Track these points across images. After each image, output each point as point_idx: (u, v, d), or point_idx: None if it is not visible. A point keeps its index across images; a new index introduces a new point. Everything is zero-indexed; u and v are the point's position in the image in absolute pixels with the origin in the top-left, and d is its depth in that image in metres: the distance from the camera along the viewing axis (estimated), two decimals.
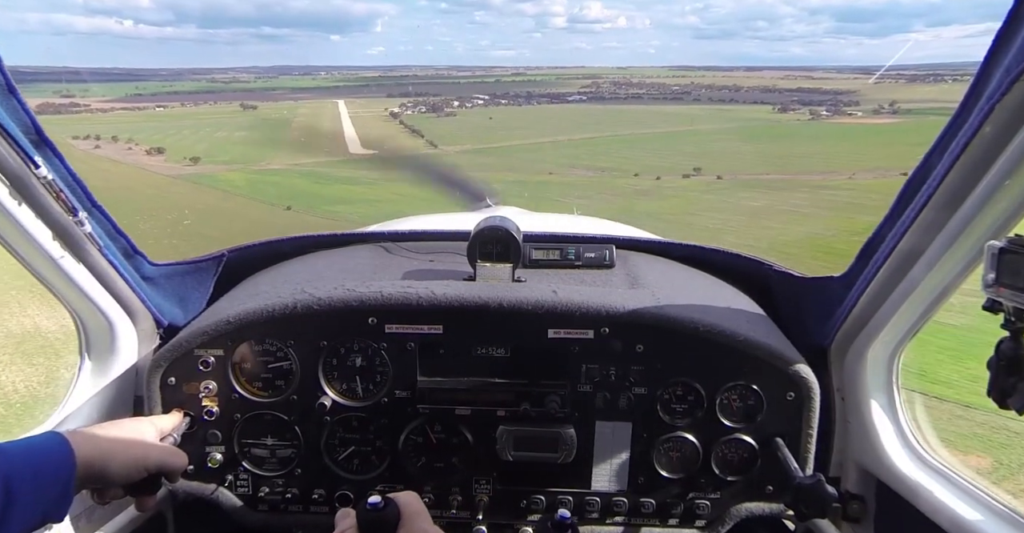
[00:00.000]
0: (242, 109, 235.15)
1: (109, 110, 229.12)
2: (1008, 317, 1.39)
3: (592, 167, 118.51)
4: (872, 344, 2.11)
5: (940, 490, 1.93)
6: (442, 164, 7.56)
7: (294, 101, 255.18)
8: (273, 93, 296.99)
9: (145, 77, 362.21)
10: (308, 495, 2.38)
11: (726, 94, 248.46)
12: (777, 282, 2.60)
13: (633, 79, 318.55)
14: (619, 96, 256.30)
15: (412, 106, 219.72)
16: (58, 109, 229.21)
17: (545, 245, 2.73)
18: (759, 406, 2.24)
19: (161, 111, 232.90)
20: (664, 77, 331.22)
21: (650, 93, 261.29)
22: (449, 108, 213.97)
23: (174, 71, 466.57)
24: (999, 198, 1.53)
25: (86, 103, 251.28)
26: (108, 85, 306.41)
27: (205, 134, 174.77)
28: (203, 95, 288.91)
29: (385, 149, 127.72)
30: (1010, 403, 1.41)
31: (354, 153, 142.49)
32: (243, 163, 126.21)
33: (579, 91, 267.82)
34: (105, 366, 2.30)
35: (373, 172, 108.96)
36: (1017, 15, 1.36)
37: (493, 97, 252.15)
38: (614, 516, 2.36)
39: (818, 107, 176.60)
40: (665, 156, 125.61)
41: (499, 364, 2.29)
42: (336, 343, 2.28)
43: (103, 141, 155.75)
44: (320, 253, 2.91)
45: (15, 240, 1.87)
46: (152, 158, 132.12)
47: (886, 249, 1.87)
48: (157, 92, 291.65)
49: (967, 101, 1.53)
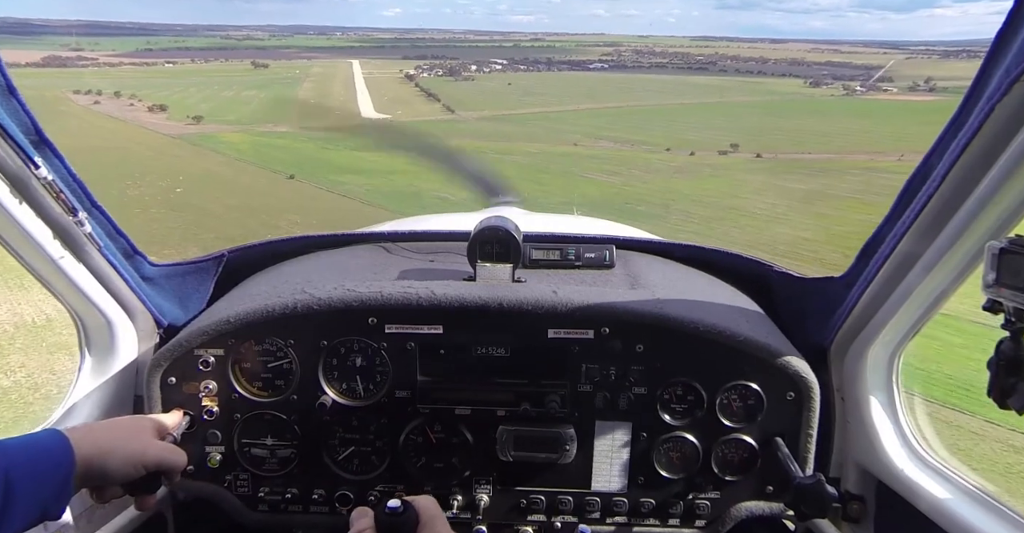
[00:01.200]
0: (253, 67, 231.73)
1: (117, 64, 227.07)
2: (1008, 317, 1.39)
3: (619, 139, 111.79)
4: (872, 344, 2.09)
5: (940, 490, 1.93)
6: (462, 155, 6.15)
7: (307, 60, 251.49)
8: (286, 51, 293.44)
9: (158, 32, 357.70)
10: (308, 495, 2.36)
11: (753, 66, 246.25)
12: (777, 282, 2.58)
13: (656, 48, 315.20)
14: (641, 65, 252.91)
15: (428, 69, 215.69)
16: (63, 62, 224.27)
17: (545, 245, 2.70)
18: (759, 406, 2.23)
19: (170, 67, 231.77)
20: (687, 47, 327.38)
21: (674, 63, 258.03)
22: (467, 72, 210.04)
23: (188, 27, 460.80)
24: (999, 198, 1.53)
25: (93, 56, 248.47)
26: (119, 39, 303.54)
27: (212, 92, 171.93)
28: (214, 51, 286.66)
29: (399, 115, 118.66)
30: (1010, 403, 1.41)
31: (367, 117, 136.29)
32: (248, 124, 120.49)
33: (600, 59, 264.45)
34: (105, 366, 2.29)
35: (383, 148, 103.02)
36: (1017, 16, 1.36)
37: (512, 62, 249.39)
38: (614, 516, 2.34)
39: (852, 82, 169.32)
40: (697, 130, 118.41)
41: (499, 364, 2.27)
42: (336, 343, 2.27)
43: (104, 96, 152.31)
44: (320, 253, 2.87)
45: (15, 240, 1.87)
46: (154, 115, 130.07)
47: (886, 249, 1.86)
48: (168, 47, 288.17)
49: (967, 101, 1.53)
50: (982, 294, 1.41)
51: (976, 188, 1.56)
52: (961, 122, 1.54)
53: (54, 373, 11.85)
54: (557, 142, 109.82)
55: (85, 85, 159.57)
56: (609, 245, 2.71)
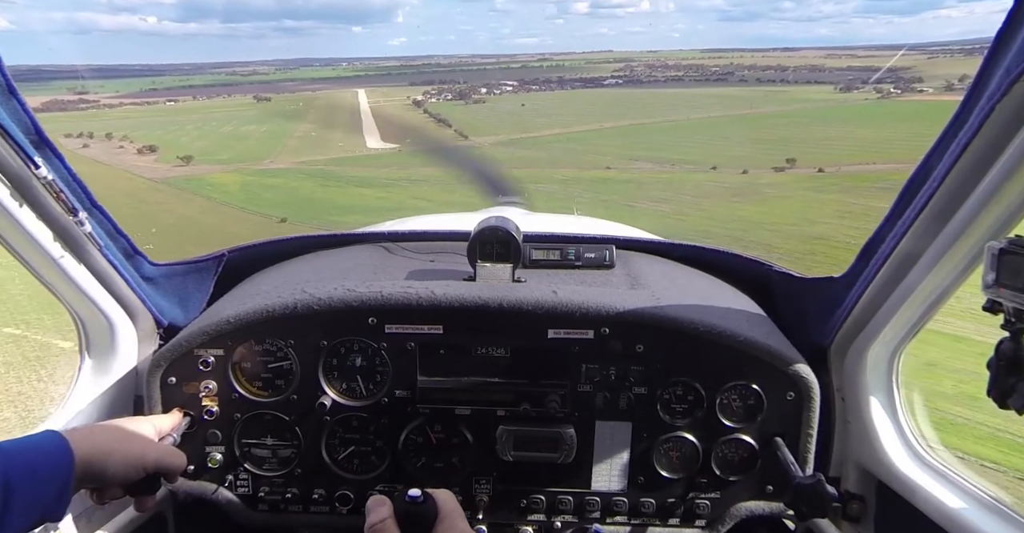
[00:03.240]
0: (255, 101, 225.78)
1: (117, 105, 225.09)
2: (1008, 317, 1.39)
3: (655, 159, 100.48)
4: (872, 344, 2.10)
5: (940, 490, 1.94)
6: (470, 154, 7.12)
7: (312, 91, 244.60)
8: (290, 84, 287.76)
9: (164, 72, 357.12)
10: (308, 495, 2.37)
11: (772, 74, 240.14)
12: (777, 282, 2.59)
13: (668, 61, 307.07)
14: (656, 79, 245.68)
15: (437, 93, 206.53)
16: (63, 106, 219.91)
17: (545, 245, 2.71)
18: (759, 406, 2.23)
19: (172, 105, 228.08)
20: (700, 59, 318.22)
21: (690, 75, 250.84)
22: (477, 95, 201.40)
23: (195, 66, 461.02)
24: (999, 199, 1.53)
25: (95, 99, 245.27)
26: (124, 81, 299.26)
27: (210, 129, 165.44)
28: (218, 88, 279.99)
29: (407, 144, 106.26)
30: (1010, 403, 1.41)
31: (372, 148, 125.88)
32: (243, 162, 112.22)
33: (612, 75, 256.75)
34: (105, 366, 2.29)
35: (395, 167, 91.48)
36: (1017, 16, 1.36)
37: (522, 83, 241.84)
38: (614, 516, 2.34)
39: (884, 85, 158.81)
40: (737, 144, 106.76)
41: (499, 364, 2.28)
42: (336, 343, 2.27)
43: (95, 140, 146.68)
44: (320, 253, 2.89)
45: (15, 240, 1.88)
46: (142, 157, 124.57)
47: (886, 249, 1.87)
48: (172, 86, 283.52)
49: (967, 102, 1.53)
50: (982, 294, 1.41)
51: (976, 188, 1.57)
52: (961, 122, 1.55)
53: None
54: (587, 166, 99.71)
55: (79, 128, 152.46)
56: (609, 245, 2.70)
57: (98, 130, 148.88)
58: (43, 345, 13.39)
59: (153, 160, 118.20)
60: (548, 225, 3.39)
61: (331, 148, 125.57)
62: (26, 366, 12.84)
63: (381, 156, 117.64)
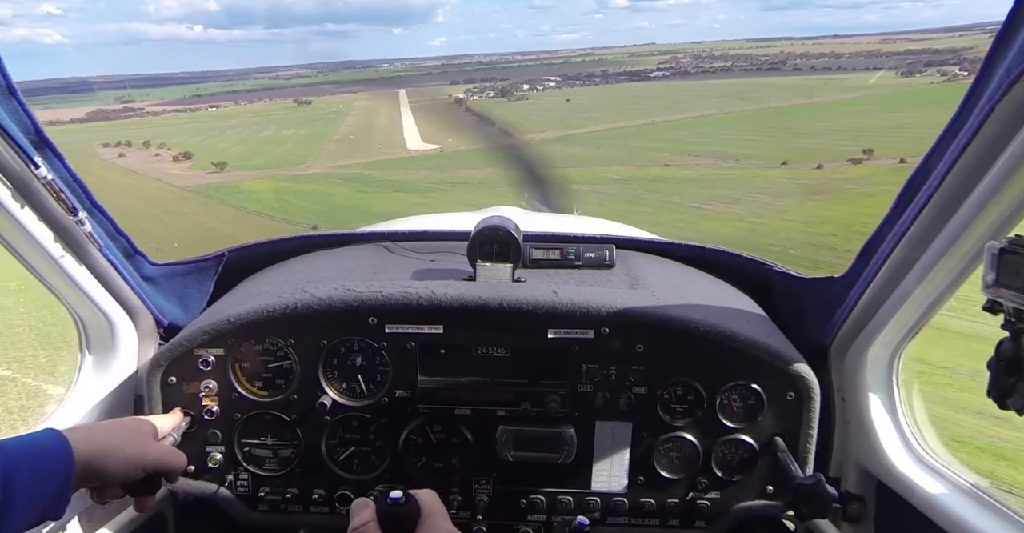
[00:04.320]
0: (296, 105, 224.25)
1: (160, 113, 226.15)
2: (1008, 318, 1.39)
3: (716, 154, 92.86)
4: (872, 344, 2.10)
5: (940, 490, 1.94)
6: (540, 159, 6.20)
7: (353, 93, 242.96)
8: (331, 87, 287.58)
9: (209, 78, 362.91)
10: (308, 495, 2.36)
11: (826, 62, 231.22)
12: (777, 282, 2.59)
13: (715, 52, 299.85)
14: (704, 70, 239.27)
15: (479, 91, 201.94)
16: (107, 115, 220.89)
17: (545, 245, 2.70)
18: (759, 406, 2.23)
19: (213, 111, 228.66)
20: (747, 48, 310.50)
21: (739, 65, 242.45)
22: (519, 92, 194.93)
23: (239, 71, 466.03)
24: (999, 198, 1.53)
25: (139, 107, 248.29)
26: (169, 89, 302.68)
27: (249, 134, 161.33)
28: (260, 92, 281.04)
29: (449, 144, 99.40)
30: (1010, 403, 1.41)
31: (413, 149, 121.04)
32: (278, 167, 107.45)
33: (658, 67, 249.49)
34: (105, 366, 2.30)
35: (435, 169, 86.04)
36: (1017, 16, 1.36)
37: (565, 78, 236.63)
38: (614, 516, 2.34)
39: (949, 67, 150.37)
40: (805, 136, 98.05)
41: (499, 364, 2.28)
42: (336, 343, 2.27)
43: (133, 148, 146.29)
44: (320, 253, 2.88)
45: (16, 240, 1.88)
46: (178, 165, 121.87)
47: (886, 249, 1.87)
48: (215, 92, 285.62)
49: (967, 102, 1.54)
50: (982, 294, 1.41)
51: (976, 188, 1.56)
52: (961, 122, 1.54)
53: None
54: (642, 163, 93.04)
55: (115, 137, 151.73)
56: (609, 245, 2.70)
57: (139, 138, 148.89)
58: (31, 392, 11.73)
59: (188, 167, 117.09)
60: (548, 225, 3.41)
61: (370, 151, 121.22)
62: (5, 420, 10.91)
63: (421, 159, 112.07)
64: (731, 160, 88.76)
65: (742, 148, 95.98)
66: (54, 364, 12.25)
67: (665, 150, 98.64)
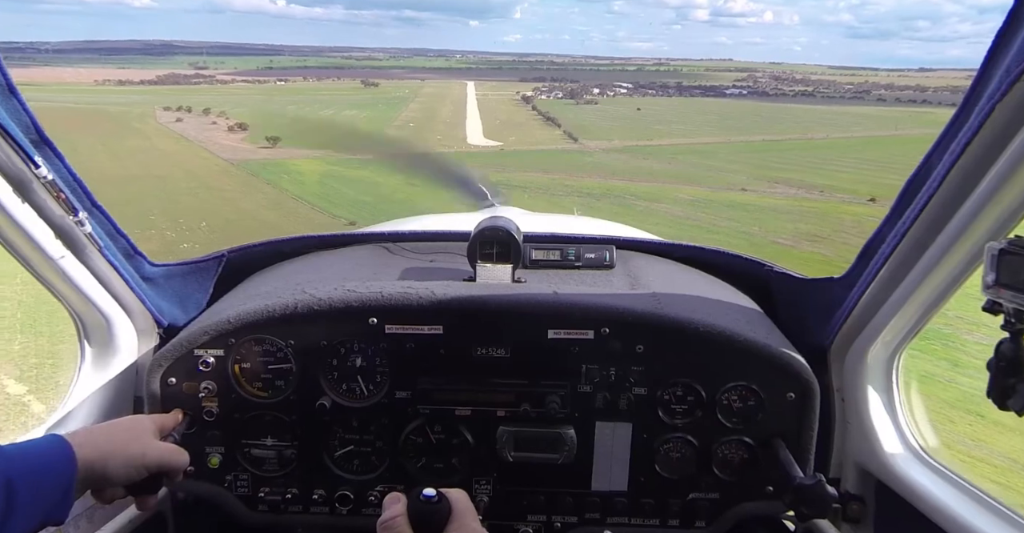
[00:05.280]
0: (363, 86, 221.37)
1: (230, 81, 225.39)
2: (1008, 318, 1.39)
3: (799, 183, 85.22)
4: (872, 345, 2.11)
5: (940, 490, 1.94)
6: (449, 161, 7.81)
7: (420, 80, 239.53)
8: (400, 71, 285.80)
9: (284, 52, 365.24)
10: (308, 495, 2.36)
11: (912, 95, 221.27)
12: (777, 283, 2.59)
13: (796, 74, 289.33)
14: (783, 92, 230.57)
15: (547, 91, 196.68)
16: (178, 80, 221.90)
17: (545, 246, 2.71)
18: (759, 406, 2.23)
19: (281, 85, 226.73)
20: (831, 75, 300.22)
21: (821, 91, 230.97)
22: (589, 95, 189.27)
23: (315, 48, 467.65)
24: (999, 199, 1.53)
25: (210, 74, 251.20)
26: (244, 58, 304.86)
27: (310, 111, 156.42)
28: (330, 70, 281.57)
29: (511, 142, 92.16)
30: (1010, 404, 1.41)
31: (472, 144, 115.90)
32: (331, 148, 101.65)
33: (735, 84, 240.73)
34: (105, 366, 2.30)
35: (493, 167, 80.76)
36: (1017, 15, 1.36)
37: (637, 86, 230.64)
38: (614, 516, 2.34)
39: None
40: (893, 172, 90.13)
41: (499, 364, 2.28)
42: (336, 343, 2.27)
43: (193, 114, 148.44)
44: (320, 253, 2.89)
45: (15, 240, 1.88)
46: (232, 135, 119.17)
47: (886, 250, 1.88)
48: (288, 66, 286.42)
49: (967, 101, 1.54)
50: (982, 295, 1.41)
51: (976, 188, 1.56)
52: (961, 122, 1.55)
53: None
54: (716, 185, 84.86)
55: (179, 102, 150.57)
56: (609, 245, 2.71)
57: (202, 104, 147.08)
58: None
59: (241, 139, 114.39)
60: (548, 225, 3.41)
61: (429, 141, 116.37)
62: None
63: (480, 155, 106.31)
64: (814, 191, 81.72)
65: (825, 178, 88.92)
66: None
67: (742, 173, 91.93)
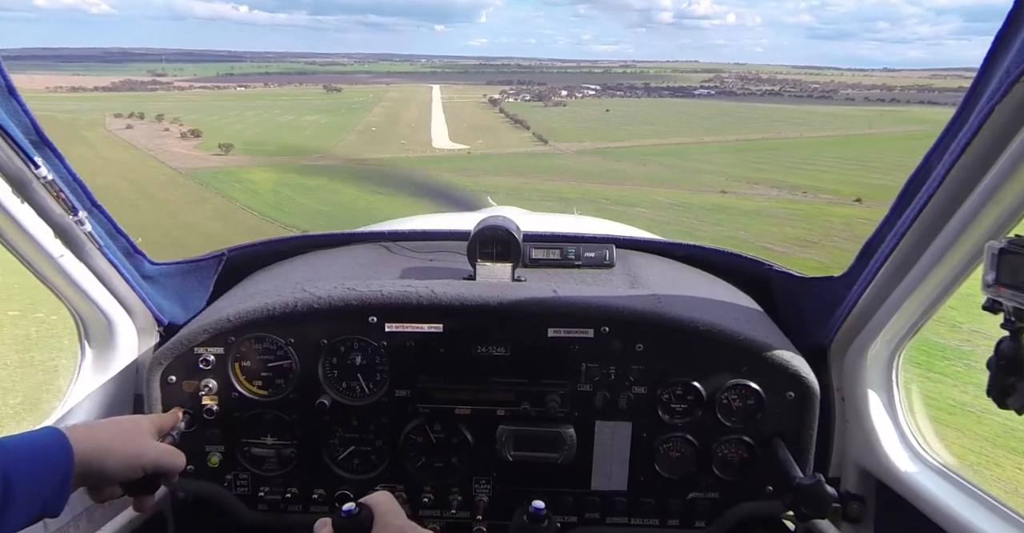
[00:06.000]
0: (325, 91, 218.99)
1: (187, 88, 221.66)
2: (1008, 317, 1.40)
3: (781, 184, 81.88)
4: (872, 344, 2.11)
5: (940, 490, 1.95)
6: (429, 177, 3.44)
7: (385, 84, 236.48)
8: (365, 76, 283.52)
9: (246, 58, 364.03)
10: (308, 495, 2.36)
11: (880, 94, 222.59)
12: (777, 282, 2.59)
13: (761, 75, 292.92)
14: (751, 92, 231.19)
15: (515, 93, 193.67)
16: (133, 86, 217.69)
17: (545, 245, 2.71)
18: (759, 406, 2.23)
19: (242, 91, 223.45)
20: (796, 74, 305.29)
21: (787, 90, 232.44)
22: (557, 97, 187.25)
23: (278, 54, 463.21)
24: (999, 198, 1.53)
25: (167, 81, 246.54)
26: (204, 65, 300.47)
27: (268, 117, 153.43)
28: (292, 76, 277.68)
29: (477, 145, 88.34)
30: (1010, 403, 1.42)
31: (438, 148, 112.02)
32: (288, 155, 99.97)
33: (702, 85, 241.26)
34: (105, 365, 2.30)
35: (460, 173, 76.91)
36: (1017, 16, 1.37)
37: (605, 88, 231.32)
38: (614, 516, 2.34)
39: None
40: (876, 172, 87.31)
41: (499, 363, 2.28)
42: (336, 342, 2.27)
43: (146, 121, 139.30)
44: (320, 252, 2.89)
45: (15, 239, 1.89)
46: (184, 142, 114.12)
47: (886, 249, 1.88)
48: (249, 73, 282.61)
49: (967, 102, 1.54)
50: (982, 294, 1.41)
51: (976, 188, 1.57)
52: (961, 122, 1.55)
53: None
54: (695, 187, 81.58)
55: (131, 108, 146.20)
56: (609, 245, 2.71)
57: (156, 111, 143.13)
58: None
59: (193, 146, 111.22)
60: (548, 224, 3.42)
61: (392, 146, 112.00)
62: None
63: (446, 159, 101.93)
64: (797, 192, 78.55)
65: (807, 179, 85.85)
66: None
67: (720, 174, 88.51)
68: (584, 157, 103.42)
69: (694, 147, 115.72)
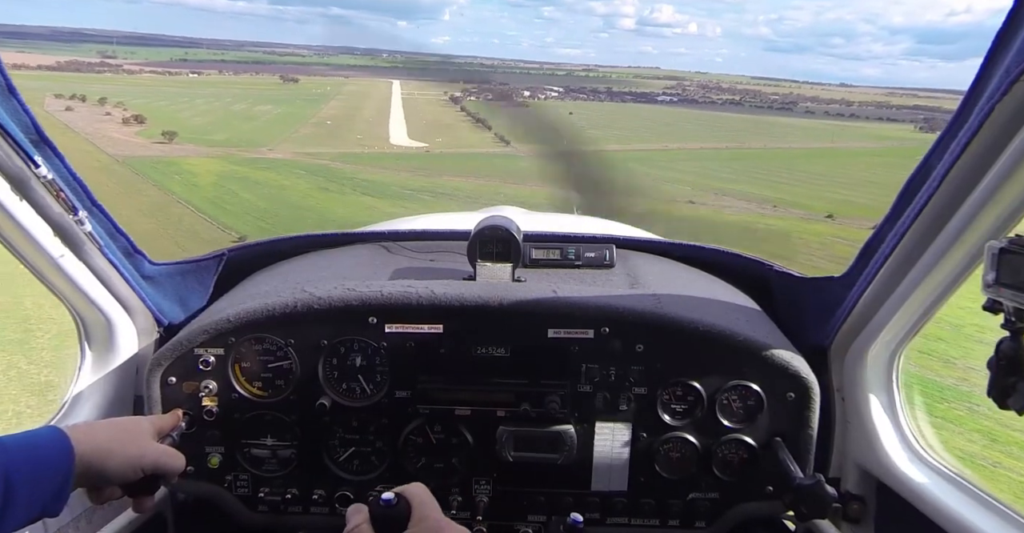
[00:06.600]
0: (281, 82, 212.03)
1: (137, 72, 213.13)
2: (1008, 317, 1.39)
3: (748, 196, 79.63)
4: (872, 344, 2.11)
5: (940, 490, 1.95)
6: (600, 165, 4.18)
7: (344, 77, 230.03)
8: (324, 68, 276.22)
9: (201, 45, 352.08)
10: (308, 496, 2.37)
11: (839, 108, 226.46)
12: (777, 282, 2.59)
13: (722, 84, 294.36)
14: (712, 100, 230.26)
15: (477, 92, 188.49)
16: (80, 67, 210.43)
17: (545, 245, 2.71)
18: (759, 406, 2.24)
19: (194, 77, 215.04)
20: (755, 85, 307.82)
21: (748, 100, 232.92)
22: (520, 98, 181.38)
23: (235, 42, 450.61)
24: (999, 198, 1.54)
25: (117, 63, 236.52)
26: (157, 49, 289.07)
27: (220, 105, 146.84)
28: (248, 65, 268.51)
29: (437, 143, 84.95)
30: (1010, 403, 1.41)
31: (396, 144, 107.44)
32: (236, 146, 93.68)
33: (664, 91, 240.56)
34: (105, 365, 2.30)
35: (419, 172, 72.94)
36: (1017, 16, 1.37)
37: (568, 90, 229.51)
38: (614, 516, 2.35)
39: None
40: (845, 187, 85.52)
41: (499, 364, 2.28)
42: (336, 342, 2.28)
43: (87, 104, 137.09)
44: (320, 252, 2.90)
45: (15, 239, 1.90)
46: (125, 128, 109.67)
47: (886, 249, 1.88)
48: (203, 59, 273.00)
49: (967, 101, 1.54)
50: (982, 294, 1.41)
51: (976, 188, 1.57)
52: (961, 122, 1.55)
53: None
54: (663, 197, 77.34)
55: (74, 90, 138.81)
56: (609, 245, 2.71)
57: (99, 94, 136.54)
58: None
59: (134, 133, 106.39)
60: (548, 224, 3.40)
61: (347, 141, 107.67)
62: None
63: (404, 156, 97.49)
64: (767, 205, 76.35)
65: (777, 192, 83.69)
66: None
67: (686, 183, 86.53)
68: (546, 160, 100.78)
69: (657, 154, 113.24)
